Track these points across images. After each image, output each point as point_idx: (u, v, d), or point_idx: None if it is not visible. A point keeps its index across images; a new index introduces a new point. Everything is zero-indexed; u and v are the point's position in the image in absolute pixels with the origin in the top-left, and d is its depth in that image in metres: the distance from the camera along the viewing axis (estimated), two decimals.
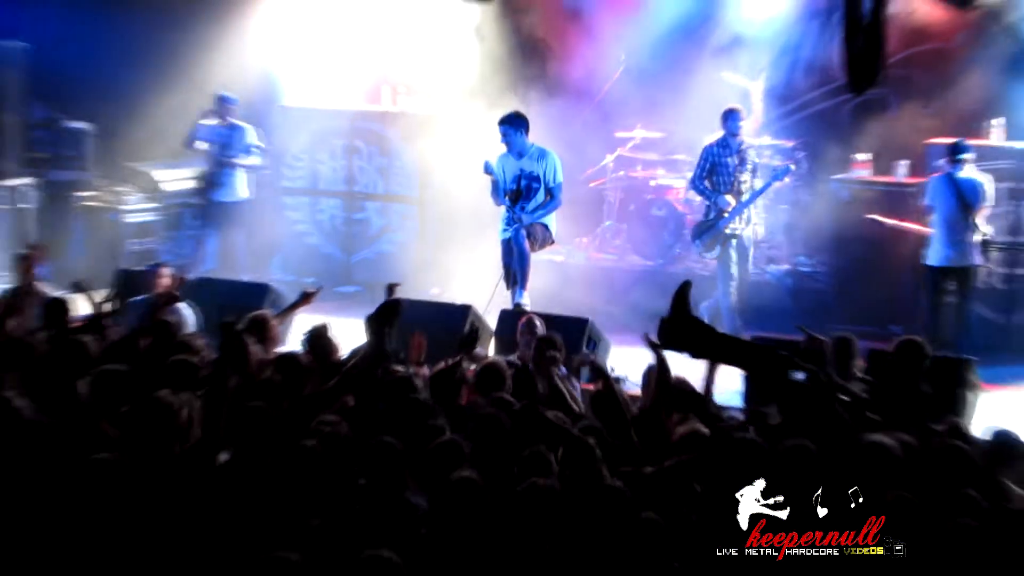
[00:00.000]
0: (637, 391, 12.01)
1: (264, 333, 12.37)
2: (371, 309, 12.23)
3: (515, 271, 16.34)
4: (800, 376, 11.78)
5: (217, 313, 13.67)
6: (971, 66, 18.33)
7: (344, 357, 12.21)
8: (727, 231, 16.96)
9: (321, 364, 11.83)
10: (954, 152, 16.32)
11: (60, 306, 12.87)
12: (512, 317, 14.94)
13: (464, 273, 18.12)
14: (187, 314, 14.71)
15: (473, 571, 8.06)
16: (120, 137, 21.00)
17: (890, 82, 13.62)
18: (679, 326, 10.74)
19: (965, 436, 10.41)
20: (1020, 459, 10.23)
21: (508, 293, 16.62)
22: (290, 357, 11.73)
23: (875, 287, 17.94)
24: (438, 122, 20.16)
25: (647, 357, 11.35)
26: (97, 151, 21.04)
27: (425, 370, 11.98)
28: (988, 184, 16.44)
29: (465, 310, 15.34)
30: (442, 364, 11.88)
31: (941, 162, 16.66)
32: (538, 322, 13.64)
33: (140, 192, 20.78)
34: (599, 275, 19.07)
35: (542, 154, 16.51)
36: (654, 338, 10.80)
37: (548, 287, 17.62)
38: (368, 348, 11.90)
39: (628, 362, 14.59)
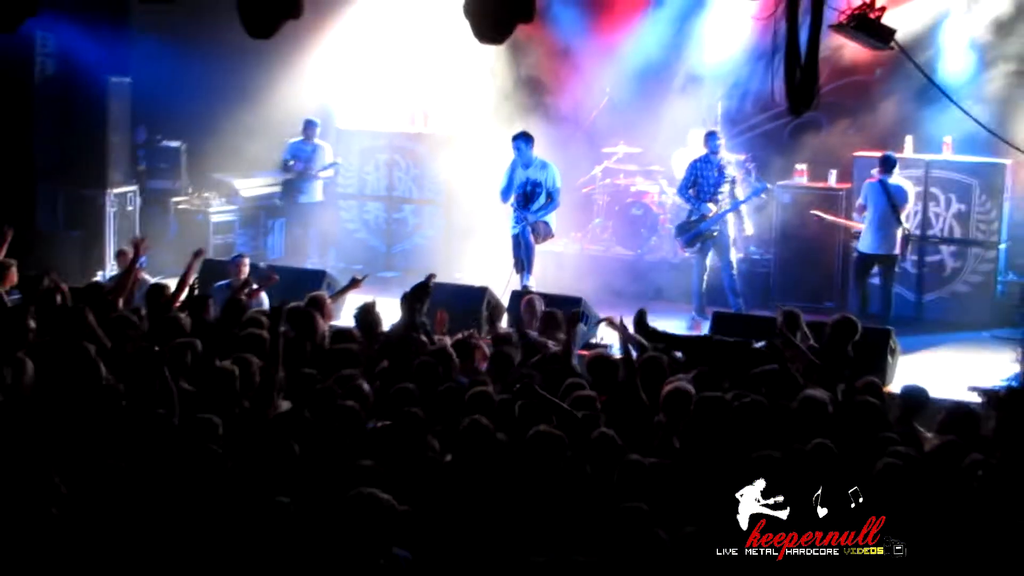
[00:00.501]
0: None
1: (320, 310, 12.22)
2: (406, 290, 12.19)
3: (523, 260, 16.65)
4: (759, 344, 11.64)
5: (283, 294, 13.58)
6: (888, 94, 18.32)
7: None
8: (708, 233, 16.92)
9: (367, 335, 11.74)
10: (886, 163, 16.46)
11: (158, 290, 12.72)
12: (521, 297, 14.84)
13: (481, 261, 18.09)
14: (262, 296, 14.59)
15: (484, 510, 7.75)
16: (206, 153, 20.89)
17: (823, 107, 13.44)
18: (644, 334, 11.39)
19: (879, 392, 10.25)
20: (926, 408, 10.12)
21: (517, 277, 16.66)
22: (343, 330, 11.64)
23: (812, 271, 17.97)
24: (459, 140, 20.12)
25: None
26: (188, 164, 20.89)
27: (447, 339, 11.83)
28: (911, 189, 16.57)
29: (482, 291, 15.22)
30: (460, 335, 11.92)
31: (874, 171, 16.60)
32: (537, 301, 13.56)
33: (222, 197, 20.61)
34: (590, 263, 18.97)
35: (544, 165, 16.79)
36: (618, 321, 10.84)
37: (549, 273, 17.70)
38: (402, 320, 11.86)
39: (613, 334, 14.46)
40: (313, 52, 20.41)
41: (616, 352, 12.06)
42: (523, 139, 16.66)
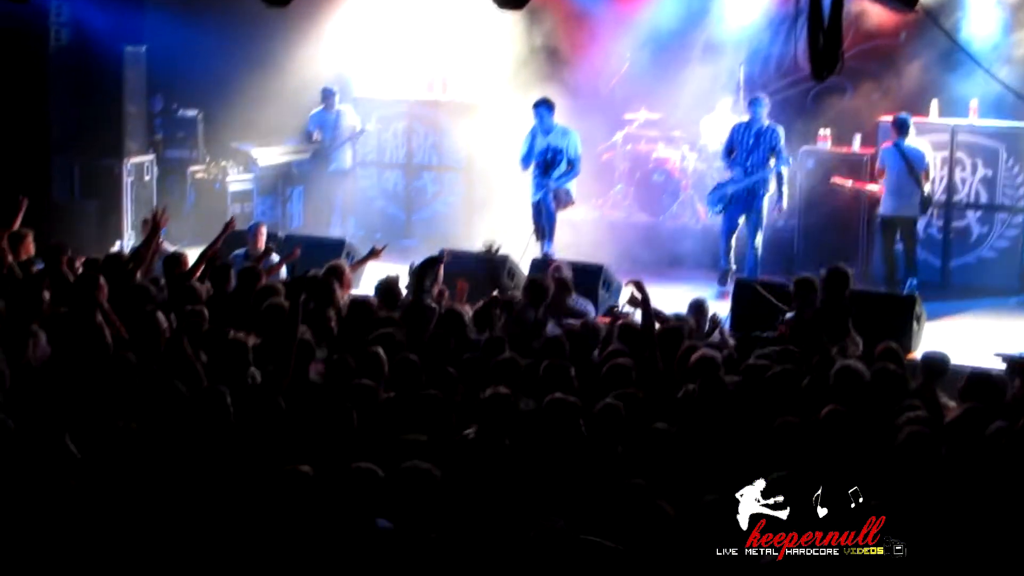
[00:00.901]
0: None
1: (339, 279, 12.20)
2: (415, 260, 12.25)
3: (543, 227, 16.61)
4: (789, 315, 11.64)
5: (303, 263, 13.59)
6: (913, 57, 18.12)
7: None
8: (733, 197, 16.63)
9: (386, 307, 11.75)
10: (899, 126, 16.44)
11: (175, 260, 12.72)
12: (541, 264, 14.80)
13: (501, 229, 18.02)
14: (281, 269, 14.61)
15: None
16: (223, 122, 20.78)
17: (847, 71, 13.40)
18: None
19: (899, 358, 10.20)
20: (947, 374, 10.07)
21: (538, 245, 16.63)
22: (362, 300, 11.64)
23: (835, 236, 17.81)
24: (478, 107, 20.10)
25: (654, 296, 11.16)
26: (204, 133, 20.80)
27: (468, 307, 11.83)
28: (928, 150, 16.54)
29: (503, 259, 15.17)
30: (480, 303, 11.94)
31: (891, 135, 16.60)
32: (565, 267, 13.48)
33: (240, 166, 20.59)
34: (611, 229, 18.91)
35: (565, 132, 16.76)
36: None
37: (570, 240, 17.53)
38: (409, 291, 11.91)
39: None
40: (330, 19, 20.35)
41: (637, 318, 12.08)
42: (544, 106, 16.59)
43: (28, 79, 18.53)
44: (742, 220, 16.74)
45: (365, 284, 14.52)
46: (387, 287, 12.12)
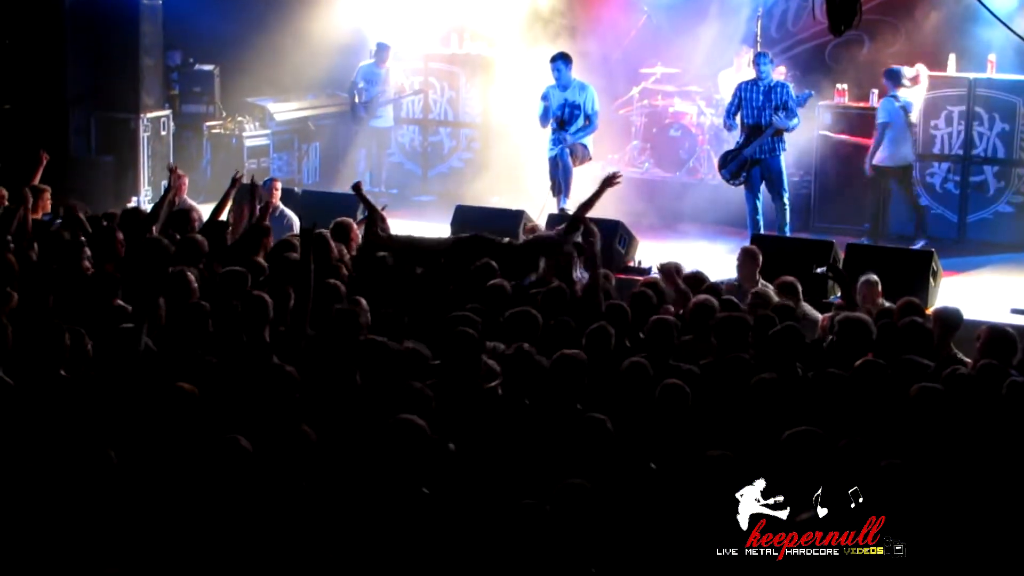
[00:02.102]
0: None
1: (346, 235, 12.21)
2: (445, 215, 12.21)
3: (560, 182, 16.52)
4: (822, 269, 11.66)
5: (319, 218, 13.58)
6: (930, 10, 18.10)
7: None
8: (752, 160, 16.16)
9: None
10: (894, 77, 16.73)
11: (185, 215, 12.75)
12: (558, 220, 14.76)
13: (518, 184, 18.05)
14: (293, 219, 14.63)
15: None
16: (239, 76, 20.78)
17: (864, 25, 13.38)
18: None
19: (921, 311, 10.24)
20: (959, 329, 10.05)
21: (554, 201, 16.55)
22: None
23: (851, 192, 17.71)
24: (496, 62, 20.10)
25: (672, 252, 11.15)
26: (221, 88, 20.80)
27: None
28: (917, 100, 16.94)
29: (519, 214, 15.16)
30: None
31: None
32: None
33: (256, 121, 20.61)
34: (628, 185, 18.64)
35: (583, 87, 16.66)
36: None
37: (586, 195, 17.32)
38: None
39: (653, 256, 14.51)
40: None
41: (656, 275, 12.11)
42: (561, 59, 16.49)
43: (45, 34, 18.54)
44: (763, 188, 16.37)
45: None
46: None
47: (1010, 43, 15.99)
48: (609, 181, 12.88)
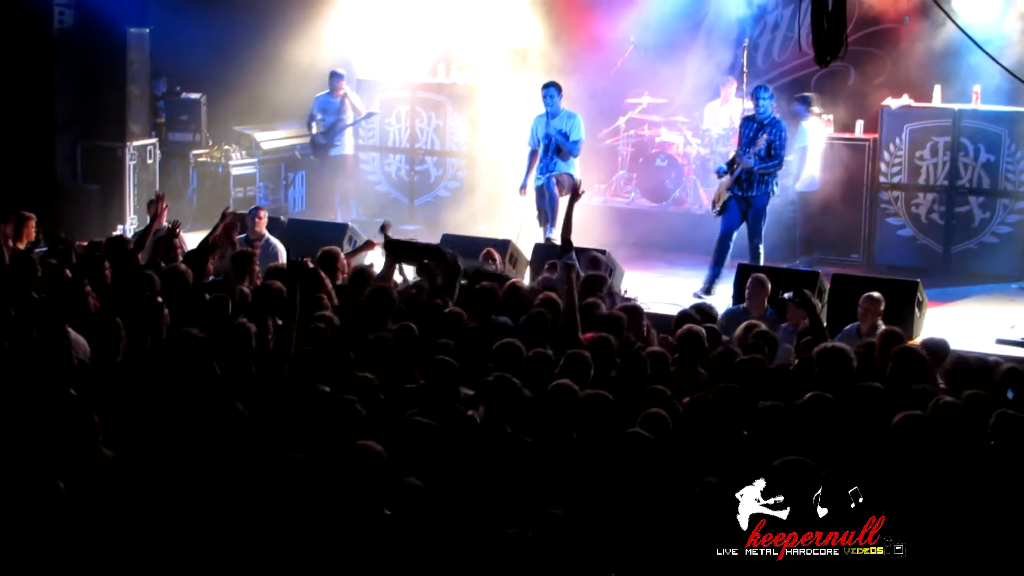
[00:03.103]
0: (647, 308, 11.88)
1: (332, 264, 12.18)
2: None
3: (547, 212, 16.46)
4: (788, 295, 11.64)
5: (305, 247, 13.56)
6: (915, 42, 18.06)
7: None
8: (728, 192, 15.84)
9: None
10: (807, 103, 17.43)
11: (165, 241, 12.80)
12: (543, 250, 14.78)
13: (505, 213, 18.05)
14: (279, 247, 14.61)
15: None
16: (226, 105, 20.84)
17: (850, 56, 13.39)
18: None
19: (901, 341, 10.20)
20: (946, 359, 10.03)
21: (541, 230, 16.56)
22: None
23: (838, 222, 17.77)
24: (483, 91, 20.09)
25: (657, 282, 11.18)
26: (208, 117, 20.82)
27: None
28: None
29: (505, 244, 15.15)
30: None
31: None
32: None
33: (243, 150, 20.62)
34: (614, 215, 18.92)
35: (570, 115, 16.67)
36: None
37: (573, 225, 17.34)
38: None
39: (637, 286, 14.52)
40: (334, 2, 20.44)
41: (643, 304, 12.10)
42: (553, 87, 16.51)
43: (31, 61, 18.53)
44: (742, 220, 15.90)
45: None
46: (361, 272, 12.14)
47: (995, 74, 16.02)
48: (575, 196, 13.14)
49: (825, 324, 11.36)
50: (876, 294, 12.13)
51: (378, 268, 12.28)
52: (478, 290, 11.02)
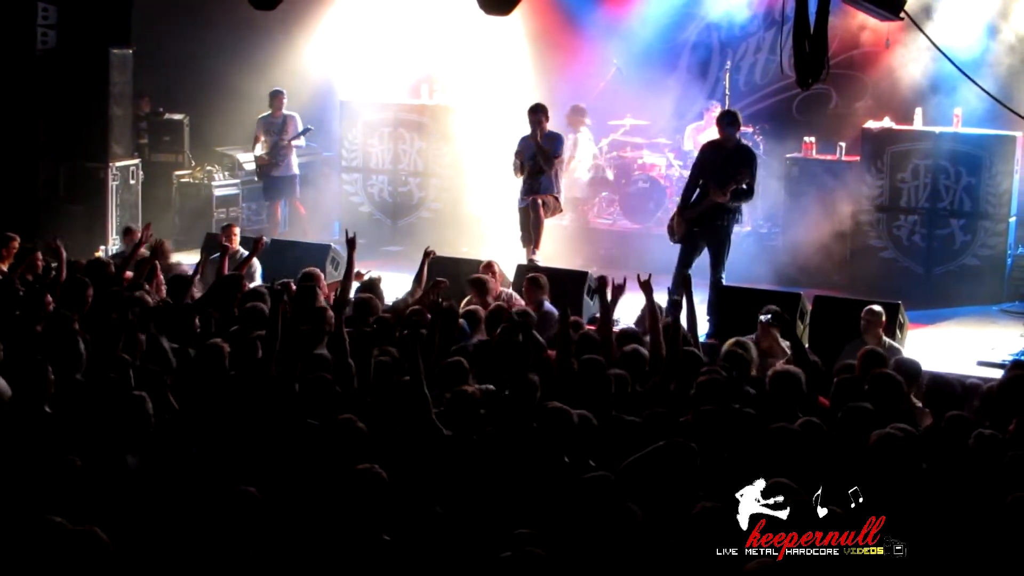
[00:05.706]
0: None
1: (313, 288, 12.15)
2: (414, 266, 12.15)
3: (530, 233, 16.38)
4: (766, 317, 11.61)
5: (287, 268, 13.59)
6: (896, 66, 18.06)
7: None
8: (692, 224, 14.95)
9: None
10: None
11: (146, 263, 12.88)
12: (526, 271, 14.78)
13: (488, 234, 18.07)
14: (256, 265, 14.62)
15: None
16: (209, 126, 20.92)
17: (831, 79, 13.39)
18: None
19: (884, 362, 10.19)
20: (920, 380, 10.02)
21: (524, 251, 16.54)
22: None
23: (820, 246, 17.71)
24: (465, 113, 20.12)
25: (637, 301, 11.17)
26: (191, 137, 20.86)
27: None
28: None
29: (488, 265, 15.12)
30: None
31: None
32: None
33: (226, 170, 20.62)
34: (597, 236, 18.97)
35: (554, 137, 16.63)
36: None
37: (555, 246, 17.55)
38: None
39: (619, 307, 14.44)
40: (317, 23, 20.53)
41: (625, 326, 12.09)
42: (540, 111, 16.40)
43: (14, 82, 18.49)
44: (703, 250, 14.99)
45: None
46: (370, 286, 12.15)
47: (976, 97, 16.06)
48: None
49: (807, 345, 11.38)
50: (876, 307, 12.17)
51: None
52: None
